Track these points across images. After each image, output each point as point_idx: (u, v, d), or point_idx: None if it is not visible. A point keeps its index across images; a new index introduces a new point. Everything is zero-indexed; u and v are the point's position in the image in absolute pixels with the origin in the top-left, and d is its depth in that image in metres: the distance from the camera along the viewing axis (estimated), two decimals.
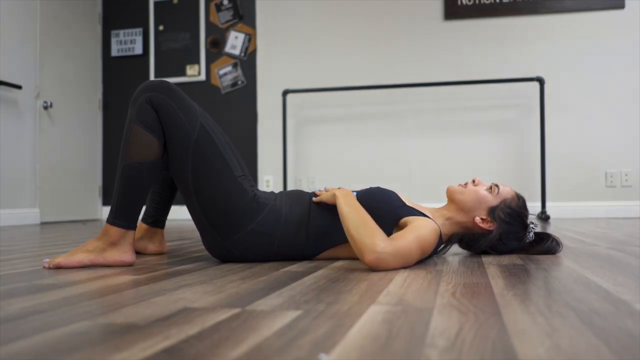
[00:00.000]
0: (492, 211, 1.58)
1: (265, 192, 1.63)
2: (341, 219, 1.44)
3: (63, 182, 4.74)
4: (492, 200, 1.60)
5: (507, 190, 1.63)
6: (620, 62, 4.43)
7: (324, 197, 1.56)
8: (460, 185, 1.64)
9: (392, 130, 4.73)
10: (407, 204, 1.57)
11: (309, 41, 4.90)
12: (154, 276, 1.32)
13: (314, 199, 1.60)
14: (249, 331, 0.75)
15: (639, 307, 0.89)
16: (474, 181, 1.64)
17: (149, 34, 5.22)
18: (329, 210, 1.57)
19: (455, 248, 1.87)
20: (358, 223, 1.38)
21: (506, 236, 1.61)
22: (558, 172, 4.48)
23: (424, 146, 4.67)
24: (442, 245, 1.64)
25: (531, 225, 1.65)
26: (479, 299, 0.97)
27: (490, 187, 1.62)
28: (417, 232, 1.41)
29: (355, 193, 1.59)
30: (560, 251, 1.68)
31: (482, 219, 1.59)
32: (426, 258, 1.54)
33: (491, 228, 1.59)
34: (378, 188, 1.62)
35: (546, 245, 1.65)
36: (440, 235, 1.53)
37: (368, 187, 1.66)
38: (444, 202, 4.29)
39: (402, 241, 1.37)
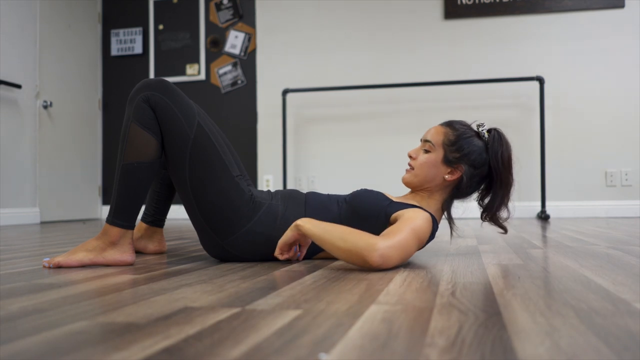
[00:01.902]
0: (447, 162, 1.55)
1: (261, 192, 1.63)
2: (320, 241, 1.37)
3: (63, 181, 4.74)
4: (437, 154, 1.56)
5: (437, 133, 1.57)
6: (620, 61, 4.43)
7: (284, 238, 1.47)
8: (407, 170, 1.60)
9: (392, 130, 4.73)
10: (394, 199, 1.57)
11: (309, 41, 4.90)
12: (153, 275, 1.32)
13: (277, 255, 1.50)
14: (249, 330, 0.75)
15: (639, 306, 0.89)
16: (411, 157, 1.59)
17: (148, 33, 5.22)
18: (325, 212, 1.57)
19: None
20: (342, 235, 1.34)
21: (476, 159, 1.54)
22: (558, 172, 4.48)
23: None
24: (447, 217, 1.61)
25: (480, 129, 1.58)
26: (478, 298, 0.97)
27: (426, 147, 1.58)
28: (411, 223, 1.39)
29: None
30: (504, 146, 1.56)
31: (448, 173, 1.55)
32: (425, 245, 1.52)
33: (461, 172, 1.55)
34: (364, 190, 1.60)
35: (493, 141, 1.55)
36: (434, 220, 1.51)
37: (353, 191, 1.62)
38: None
39: (399, 235, 1.35)
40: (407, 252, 1.37)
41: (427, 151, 1.58)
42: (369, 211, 1.52)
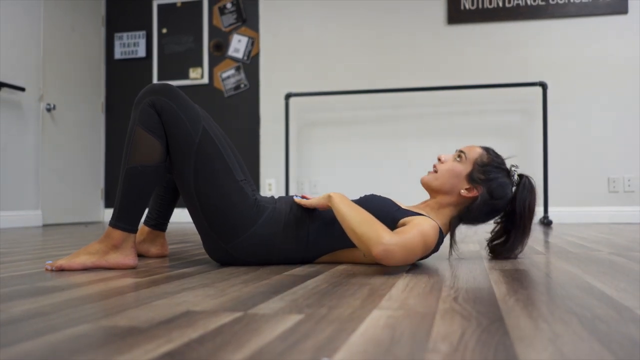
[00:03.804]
0: (470, 178, 1.59)
1: (265, 197, 1.64)
2: (341, 219, 1.43)
3: (66, 184, 4.75)
4: (465, 168, 1.60)
5: (473, 150, 1.63)
6: (623, 66, 4.43)
7: (314, 201, 1.54)
8: (430, 172, 1.64)
9: (395, 134, 4.73)
10: (402, 207, 1.58)
11: (312, 45, 4.91)
12: (155, 279, 1.32)
13: (296, 199, 1.59)
14: (251, 335, 0.75)
15: None
16: (440, 160, 1.64)
17: (152, 36, 5.24)
18: (329, 215, 1.57)
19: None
20: (360, 220, 1.39)
21: (496, 190, 1.59)
22: (560, 177, 4.47)
23: (426, 150, 4.66)
24: (450, 236, 1.62)
25: (512, 169, 1.64)
26: (481, 304, 0.97)
27: (459, 156, 1.62)
28: (420, 228, 1.42)
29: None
30: (534, 197, 1.63)
31: (466, 189, 1.58)
32: (428, 255, 1.53)
33: (477, 193, 1.58)
34: (373, 195, 1.62)
35: (523, 188, 1.62)
36: (441, 231, 1.53)
37: (362, 196, 1.65)
38: None
39: (407, 235, 1.38)
40: (412, 254, 1.38)
41: (457, 161, 1.62)
42: (377, 216, 1.52)
